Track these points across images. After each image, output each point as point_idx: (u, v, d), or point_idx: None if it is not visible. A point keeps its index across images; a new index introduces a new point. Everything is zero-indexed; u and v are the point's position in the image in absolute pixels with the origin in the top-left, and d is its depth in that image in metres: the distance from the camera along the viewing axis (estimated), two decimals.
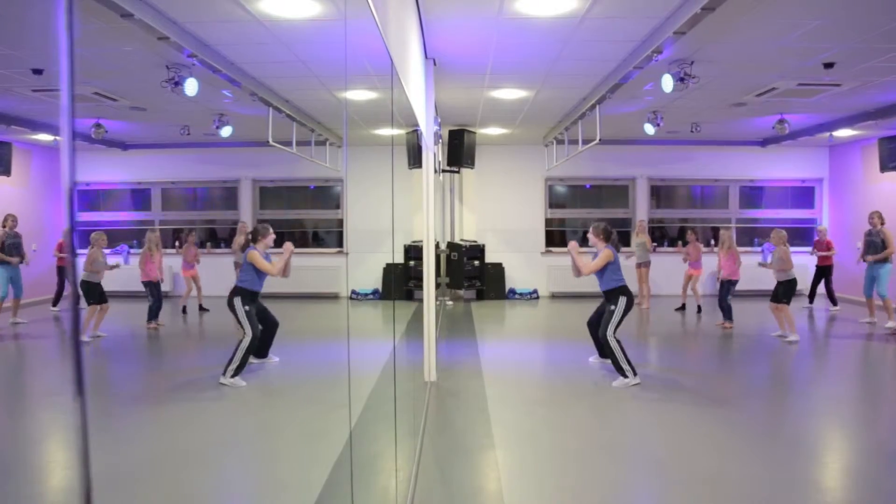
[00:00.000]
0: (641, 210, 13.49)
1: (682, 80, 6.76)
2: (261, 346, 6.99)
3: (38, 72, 6.97)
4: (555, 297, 13.08)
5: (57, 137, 11.27)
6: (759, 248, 13.20)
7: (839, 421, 5.47)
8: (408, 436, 4.93)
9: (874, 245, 9.40)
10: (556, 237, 13.62)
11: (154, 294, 9.65)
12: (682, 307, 11.18)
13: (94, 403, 6.27)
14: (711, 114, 9.80)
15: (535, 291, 13.30)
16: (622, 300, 6.41)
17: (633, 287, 7.12)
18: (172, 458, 4.57)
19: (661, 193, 13.97)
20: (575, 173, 13.27)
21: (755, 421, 5.37)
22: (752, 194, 13.84)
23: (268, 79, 7.48)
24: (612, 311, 6.40)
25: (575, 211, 13.97)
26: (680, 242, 13.21)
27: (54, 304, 11.72)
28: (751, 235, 13.78)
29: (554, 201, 13.81)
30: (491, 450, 4.64)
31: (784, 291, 8.40)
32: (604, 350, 6.67)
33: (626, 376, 6.29)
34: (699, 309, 10.87)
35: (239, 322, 6.58)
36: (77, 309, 0.83)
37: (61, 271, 11.65)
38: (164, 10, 5.04)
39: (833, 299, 11.23)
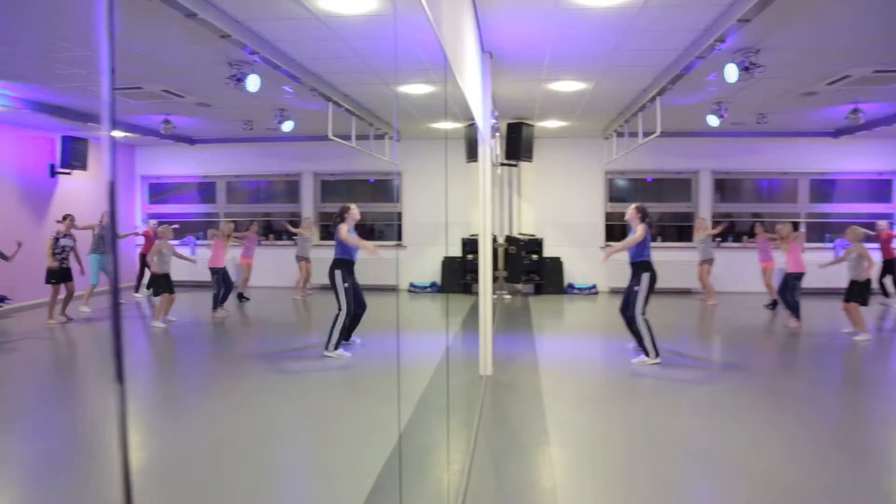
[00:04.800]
0: (705, 204, 13.12)
1: (747, 69, 6.52)
2: (349, 327, 7.52)
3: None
4: (614, 292, 12.85)
5: (128, 134, 11.77)
6: (830, 245, 12.70)
7: None
8: (462, 429, 4.95)
9: None
10: (616, 231, 13.36)
11: (220, 282, 10.07)
12: (773, 304, 10.62)
13: (161, 387, 6.53)
14: (779, 104, 9.44)
15: (594, 286, 13.12)
16: (645, 277, 6.88)
17: (686, 282, 6.96)
18: (235, 440, 4.71)
19: (725, 187, 13.55)
20: (635, 166, 13.01)
21: (823, 424, 5.17)
22: (824, 188, 13.27)
23: (327, 74, 7.58)
24: (636, 292, 6.91)
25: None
26: (745, 237, 12.81)
27: (136, 291, 12.58)
28: (821, 231, 13.23)
29: (614, 195, 13.57)
30: (546, 446, 4.62)
31: (860, 291, 8.06)
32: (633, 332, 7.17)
33: (647, 355, 6.85)
34: (773, 305, 10.49)
35: (337, 297, 7.20)
36: (117, 297, 0.86)
37: (142, 259, 12.46)
38: (227, 9, 5.17)
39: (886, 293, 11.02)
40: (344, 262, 7.28)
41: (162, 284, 9.37)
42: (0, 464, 4.44)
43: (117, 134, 11.74)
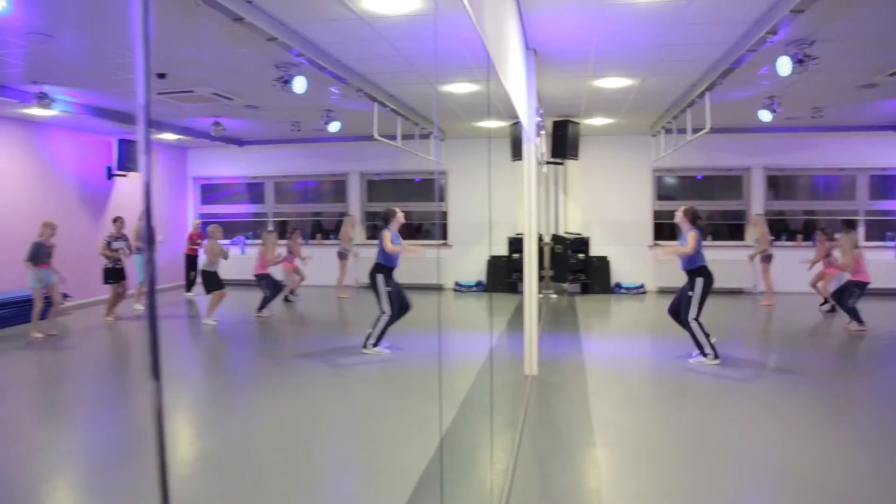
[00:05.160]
0: (757, 202, 12.77)
1: (800, 61, 6.31)
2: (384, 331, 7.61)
3: (161, 76, 7.46)
4: (662, 292, 12.63)
5: (180, 136, 12.09)
6: (891, 244, 12.23)
7: None
8: (507, 428, 4.93)
9: None
10: (664, 230, 13.12)
11: (268, 286, 10.25)
12: (831, 306, 10.15)
13: (210, 382, 6.68)
14: (835, 97, 9.12)
15: (642, 286, 12.92)
16: (699, 282, 6.83)
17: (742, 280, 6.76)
18: (281, 436, 4.78)
19: (779, 184, 13.16)
20: (684, 163, 12.75)
21: (882, 432, 4.97)
22: (884, 184, 12.74)
23: (372, 74, 7.64)
24: (691, 297, 6.86)
25: (685, 203, 13.35)
26: (800, 236, 12.42)
27: (187, 290, 12.90)
28: (881, 229, 12.73)
29: (662, 193, 13.32)
30: (591, 447, 4.56)
31: None
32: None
33: (705, 355, 6.83)
34: (833, 307, 10.10)
35: (379, 300, 7.38)
36: (154, 295, 0.88)
37: (189, 259, 12.86)
38: (273, 12, 5.25)
39: None
40: (385, 268, 7.41)
41: (212, 282, 9.66)
42: (63, 453, 4.61)
43: (170, 136, 12.12)
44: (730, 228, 13.19)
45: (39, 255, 8.57)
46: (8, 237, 9.87)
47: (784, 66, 6.39)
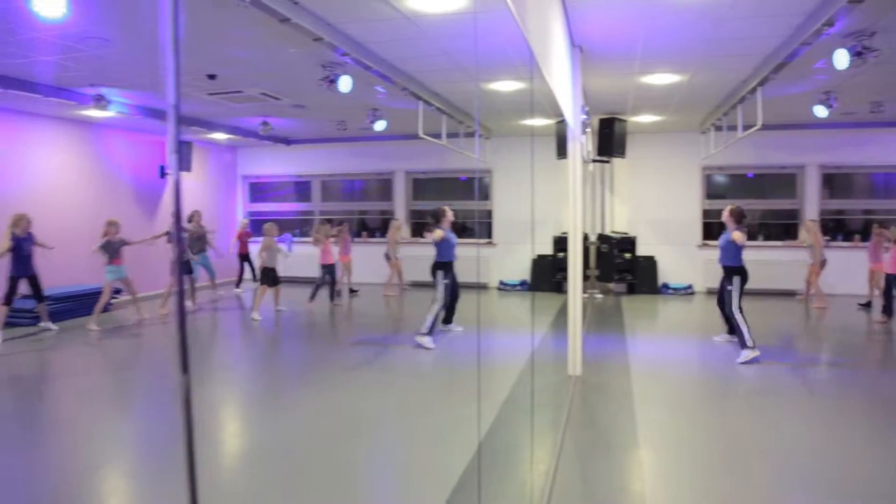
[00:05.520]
0: (811, 201, 12.36)
1: (859, 54, 6.08)
2: (447, 314, 8.50)
3: (212, 77, 7.63)
4: (711, 292, 12.34)
5: (230, 136, 12.37)
6: None
7: None
8: (548, 429, 4.89)
9: None
10: (713, 229, 12.80)
11: (330, 276, 10.81)
12: (868, 304, 10.29)
13: (260, 375, 6.81)
14: None
15: (690, 286, 12.66)
16: (736, 279, 7.27)
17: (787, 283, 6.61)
18: (325, 431, 4.85)
19: (835, 183, 12.72)
20: (735, 161, 12.44)
21: None
22: None
23: (417, 73, 7.67)
24: (730, 291, 7.29)
25: (735, 202, 13.01)
26: (858, 237, 11.99)
27: (237, 286, 13.33)
28: None
29: (712, 192, 13.01)
30: (635, 449, 4.50)
31: None
32: (731, 325, 7.53)
33: (748, 348, 6.95)
34: (868, 303, 9.95)
35: (435, 290, 8.05)
36: (182, 291, 0.89)
37: (241, 256, 13.31)
38: (318, 12, 5.32)
39: None
40: (444, 264, 8.09)
41: (270, 278, 10.11)
42: (117, 441, 4.76)
43: (221, 136, 12.40)
44: (782, 229, 12.81)
45: (110, 251, 9.21)
46: (69, 234, 10.26)
47: (841, 59, 6.17)
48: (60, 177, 10.54)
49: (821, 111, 9.09)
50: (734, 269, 7.31)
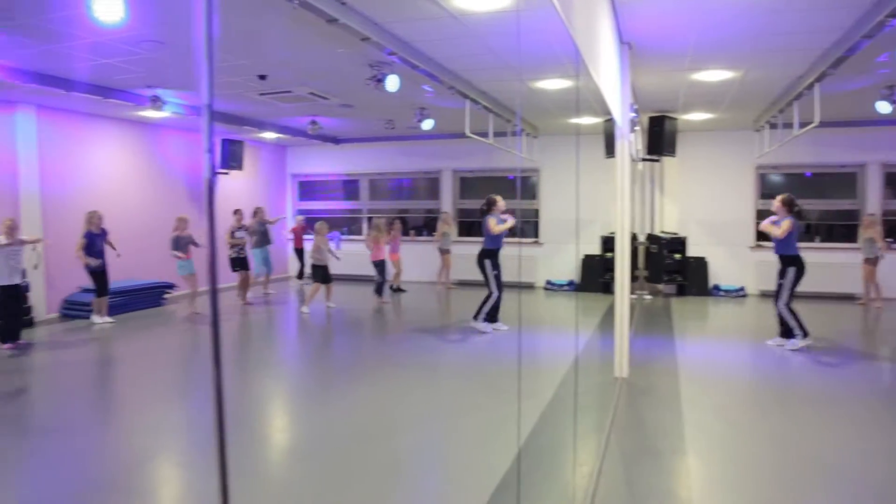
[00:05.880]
0: (873, 200, 11.88)
1: None
2: (492, 311, 8.54)
3: (262, 77, 7.77)
4: (764, 295, 12.01)
5: (280, 135, 12.61)
6: None
7: None
8: (593, 431, 4.84)
9: None
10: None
11: (380, 273, 11.17)
12: None
13: (308, 370, 6.91)
14: None
15: (742, 289, 12.34)
16: (791, 270, 7.25)
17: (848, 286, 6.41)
18: (371, 426, 4.89)
19: None
20: (791, 160, 12.06)
21: None
22: None
23: (464, 72, 7.66)
24: (782, 284, 7.29)
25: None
26: None
27: (299, 277, 14.06)
28: None
29: (766, 191, 12.63)
30: (682, 454, 4.41)
31: None
32: (784, 327, 7.49)
33: (797, 336, 7.20)
34: None
35: (487, 283, 8.40)
36: (215, 287, 0.91)
37: (298, 251, 13.89)
38: (366, 12, 5.36)
39: None
40: (491, 252, 8.37)
41: (321, 275, 10.46)
42: (170, 431, 4.90)
43: (271, 135, 12.65)
44: (842, 230, 12.37)
45: (179, 246, 9.82)
46: (130, 231, 10.63)
47: None
48: (121, 175, 10.96)
49: (883, 107, 8.73)
50: (789, 259, 7.32)
